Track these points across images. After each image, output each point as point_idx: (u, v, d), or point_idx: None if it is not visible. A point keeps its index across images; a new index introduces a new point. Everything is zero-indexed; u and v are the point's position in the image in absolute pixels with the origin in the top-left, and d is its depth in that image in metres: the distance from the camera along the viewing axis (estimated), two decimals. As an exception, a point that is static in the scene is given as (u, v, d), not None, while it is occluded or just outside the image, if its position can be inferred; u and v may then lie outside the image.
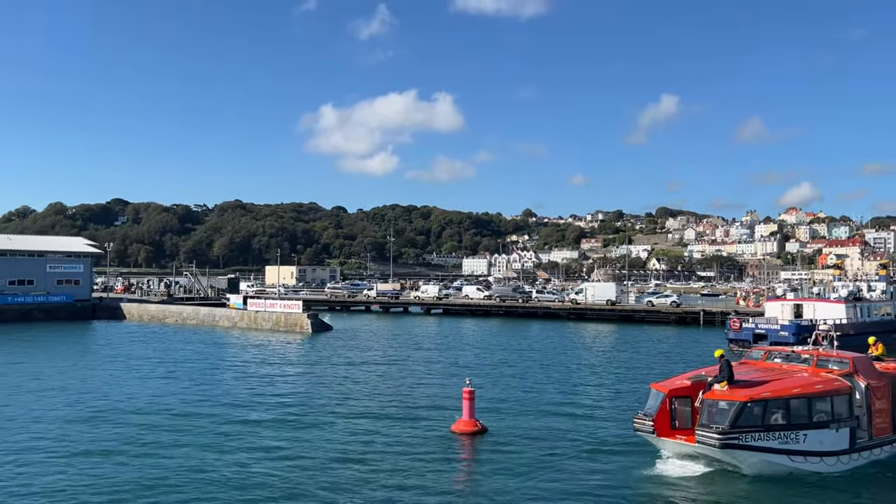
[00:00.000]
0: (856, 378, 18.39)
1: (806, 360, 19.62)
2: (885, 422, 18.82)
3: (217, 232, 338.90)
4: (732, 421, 16.62)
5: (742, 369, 19.19)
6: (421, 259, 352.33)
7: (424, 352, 45.08)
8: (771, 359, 20.46)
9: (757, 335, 45.66)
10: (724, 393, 17.17)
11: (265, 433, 21.92)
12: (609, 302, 74.83)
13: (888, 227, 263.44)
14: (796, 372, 18.99)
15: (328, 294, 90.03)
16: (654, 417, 17.63)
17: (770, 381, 17.80)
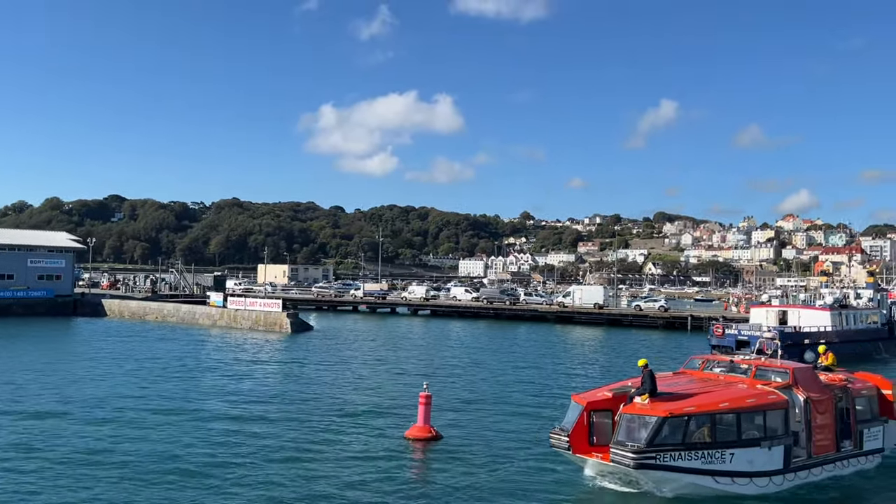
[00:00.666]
0: (794, 391, 16.88)
1: (745, 370, 18.07)
2: (828, 439, 17.24)
3: (213, 230, 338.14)
4: (650, 438, 15.04)
5: (675, 380, 17.76)
6: (417, 260, 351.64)
7: (401, 353, 44.38)
8: (709, 368, 18.86)
9: (739, 342, 44.81)
10: (643, 407, 15.58)
11: (210, 430, 21.28)
12: (596, 305, 74.13)
13: (885, 235, 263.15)
14: (734, 384, 17.41)
15: (315, 294, 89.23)
16: (570, 432, 16.15)
17: (697, 395, 16.21)
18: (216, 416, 23.67)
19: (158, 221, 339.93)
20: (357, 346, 47.22)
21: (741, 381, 17.48)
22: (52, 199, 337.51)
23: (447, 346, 50.25)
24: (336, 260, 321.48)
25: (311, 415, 24.24)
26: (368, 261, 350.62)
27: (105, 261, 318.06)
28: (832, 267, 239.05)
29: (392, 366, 37.93)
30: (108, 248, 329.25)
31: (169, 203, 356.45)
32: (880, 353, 48.29)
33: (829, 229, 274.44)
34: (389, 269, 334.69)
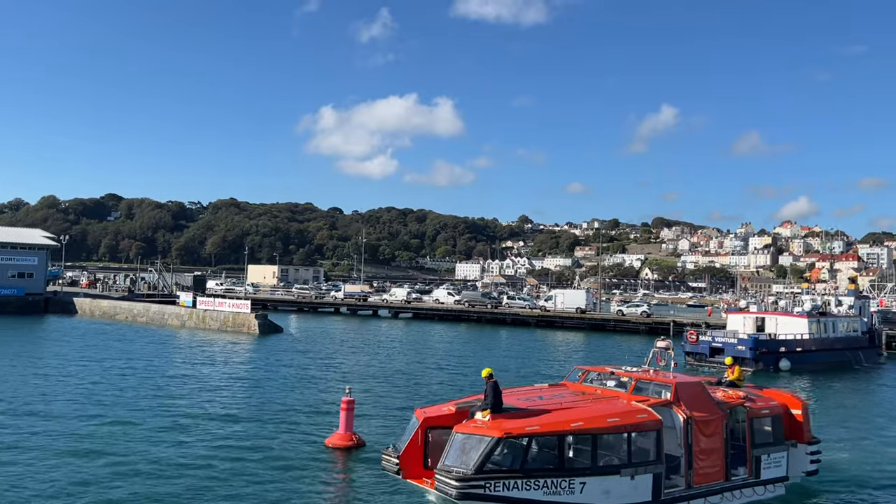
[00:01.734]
0: (675, 409, 14.53)
1: (625, 383, 15.81)
2: (715, 466, 14.78)
3: (210, 230, 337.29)
4: (479, 463, 12.51)
5: (539, 394, 15.45)
6: (414, 262, 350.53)
7: (363, 356, 43.19)
8: (588, 381, 16.65)
9: (713, 348, 43.74)
10: (477, 425, 13.18)
11: (127, 435, 20.11)
12: (579, 310, 72.93)
13: (882, 242, 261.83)
14: (608, 399, 15.22)
15: (295, 295, 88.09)
16: (401, 453, 13.85)
17: (551, 411, 13.81)
18: (132, 419, 22.46)
19: (155, 221, 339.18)
20: (322, 349, 46.02)
21: (618, 396, 15.32)
22: (49, 198, 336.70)
23: (417, 349, 49.05)
24: (332, 261, 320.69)
25: (239, 419, 23.10)
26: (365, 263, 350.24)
27: (101, 259, 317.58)
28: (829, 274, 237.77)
29: (348, 370, 36.75)
30: (103, 247, 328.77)
31: (166, 203, 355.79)
32: (860, 362, 47.12)
33: (826, 236, 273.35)
34: (386, 272, 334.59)
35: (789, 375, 41.48)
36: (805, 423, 16.72)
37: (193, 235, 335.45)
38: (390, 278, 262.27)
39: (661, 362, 17.20)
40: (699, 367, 43.56)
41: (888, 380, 42.75)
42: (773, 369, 42.15)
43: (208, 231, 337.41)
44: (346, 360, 40.60)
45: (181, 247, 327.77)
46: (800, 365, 43.10)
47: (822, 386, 38.52)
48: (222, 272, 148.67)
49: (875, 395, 37.30)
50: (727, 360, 18.89)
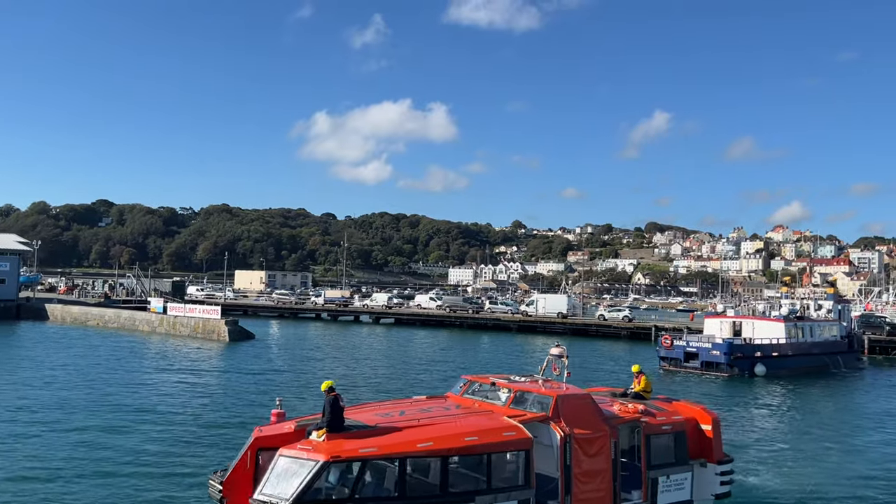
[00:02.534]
0: (552, 425, 12.84)
1: (506, 396, 14.03)
2: (600, 489, 12.97)
3: (201, 235, 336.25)
4: (301, 491, 10.71)
5: (402, 408, 13.56)
6: (407, 268, 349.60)
7: (331, 364, 42.32)
8: (471, 392, 14.71)
9: (688, 353, 43.00)
10: (304, 447, 11.44)
11: (44, 439, 19.25)
12: (560, 315, 72.12)
13: (874, 247, 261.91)
14: (481, 413, 13.35)
15: (275, 301, 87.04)
16: (225, 478, 11.95)
17: (402, 429, 12.01)
18: (66, 426, 21.60)
19: (146, 226, 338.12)
20: (291, 356, 45.09)
21: (493, 411, 13.49)
22: (39, 203, 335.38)
23: (392, 355, 48.19)
24: (325, 267, 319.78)
25: (173, 425, 22.25)
26: (357, 268, 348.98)
27: (91, 265, 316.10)
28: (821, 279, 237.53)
29: (310, 376, 35.83)
30: (94, 253, 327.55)
31: (158, 208, 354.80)
32: (838, 367, 46.39)
33: (818, 241, 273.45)
34: (378, 277, 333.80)
35: (765, 381, 40.74)
36: (715, 440, 14.94)
37: (185, 241, 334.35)
38: (382, 284, 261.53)
39: (556, 371, 15.72)
40: (674, 373, 42.82)
41: (865, 385, 42.02)
42: (748, 374, 41.39)
43: (200, 237, 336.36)
44: (311, 368, 39.70)
45: (172, 252, 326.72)
46: (776, 370, 42.34)
47: (796, 391, 37.78)
48: (203, 278, 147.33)
49: (849, 401, 36.54)
50: (634, 369, 16.60)
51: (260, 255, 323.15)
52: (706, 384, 39.00)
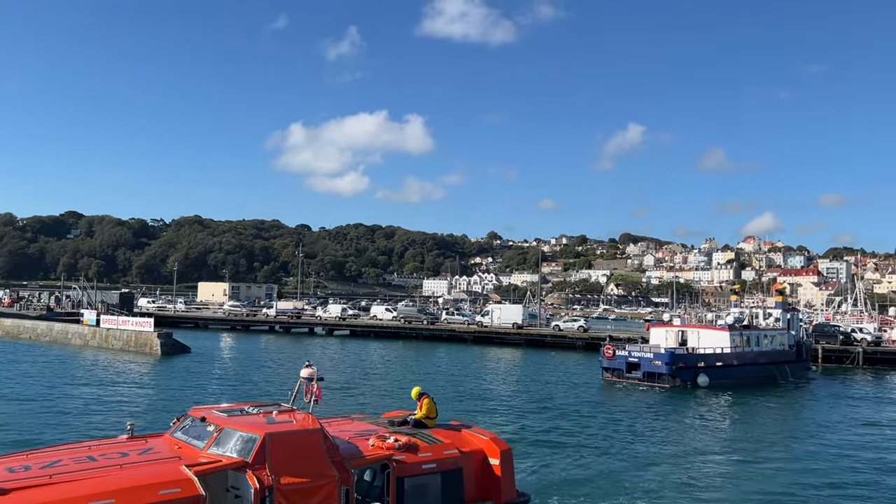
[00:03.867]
0: (248, 475, 10.29)
1: (211, 433, 11.27)
2: None
3: (172, 247, 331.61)
4: None
5: (27, 462, 10.49)
6: (381, 279, 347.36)
7: (263, 378, 40.54)
8: (183, 430, 11.91)
9: (630, 364, 41.81)
10: None
11: None
12: (515, 325, 70.84)
13: (842, 257, 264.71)
14: (165, 461, 10.64)
15: (226, 313, 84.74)
16: None
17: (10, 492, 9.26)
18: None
19: (115, 238, 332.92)
20: (224, 371, 43.24)
21: (181, 455, 10.91)
22: (5, 215, 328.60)
23: (337, 368, 46.42)
24: (297, 279, 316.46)
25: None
26: (331, 279, 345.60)
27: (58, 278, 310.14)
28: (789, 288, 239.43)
29: (234, 394, 34.13)
30: (61, 266, 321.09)
31: (128, 220, 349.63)
32: (785, 377, 45.47)
33: (788, 251, 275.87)
34: (352, 288, 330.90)
35: (707, 391, 39.65)
36: (505, 477, 12.76)
37: (155, 253, 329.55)
38: (356, 295, 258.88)
39: (307, 398, 12.90)
40: (616, 384, 41.61)
41: (808, 396, 41.05)
42: (690, 385, 40.27)
43: (170, 248, 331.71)
44: (237, 385, 37.93)
45: (142, 265, 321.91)
46: (720, 380, 41.27)
47: (736, 403, 36.67)
48: (157, 290, 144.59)
49: (786, 412, 35.48)
50: (413, 393, 14.20)
51: (232, 266, 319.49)
52: (647, 395, 37.82)
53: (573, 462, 21.82)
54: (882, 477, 21.59)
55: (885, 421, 32.32)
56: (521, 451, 22.99)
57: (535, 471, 20.30)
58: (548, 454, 22.60)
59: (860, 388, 45.02)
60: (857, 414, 34.01)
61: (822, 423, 31.52)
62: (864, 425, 30.98)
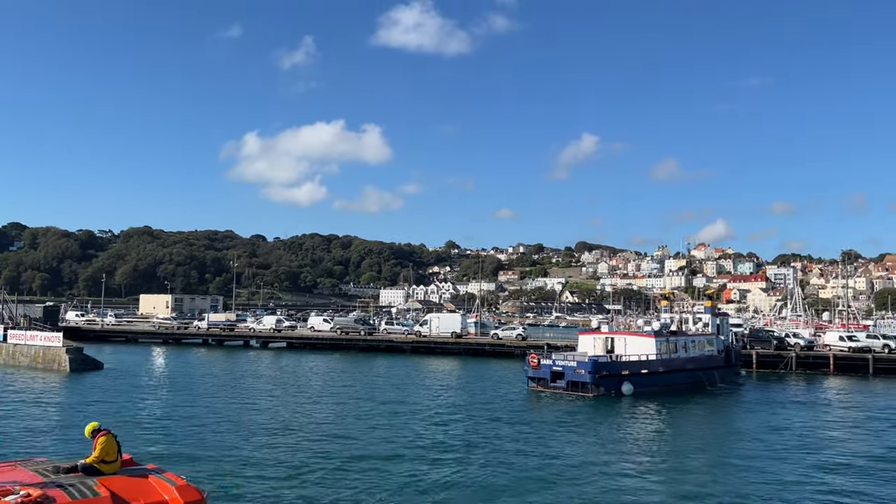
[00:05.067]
0: None
1: None
2: None
3: (121, 259, 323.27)
4: None
5: None
6: (337, 289, 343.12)
7: (176, 399, 38.44)
8: None
9: (554, 373, 40.80)
10: None
11: None
12: (454, 334, 69.61)
13: (790, 263, 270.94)
14: None
15: (156, 326, 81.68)
16: None
17: None
18: None
19: (61, 250, 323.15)
20: (131, 390, 40.87)
21: None
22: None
23: (261, 385, 44.55)
24: (251, 290, 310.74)
25: None
26: (285, 290, 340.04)
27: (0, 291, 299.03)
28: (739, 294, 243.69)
29: (127, 410, 32.07)
30: (3, 279, 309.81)
31: (75, 231, 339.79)
32: (714, 383, 45.05)
33: (738, 258, 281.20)
34: (307, 299, 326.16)
35: (632, 400, 38.85)
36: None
37: (102, 265, 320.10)
38: (311, 306, 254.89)
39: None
40: (542, 394, 40.58)
41: (736, 401, 40.55)
42: (615, 394, 39.45)
43: (119, 260, 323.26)
44: (138, 405, 35.77)
45: (89, 277, 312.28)
46: (645, 388, 40.56)
47: (659, 411, 35.86)
48: (89, 302, 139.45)
49: (711, 419, 34.83)
50: (87, 430, 11.43)
51: (183, 278, 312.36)
52: (569, 405, 36.83)
53: (450, 475, 20.60)
54: (801, 481, 21.07)
55: (801, 426, 31.82)
56: (407, 464, 21.79)
57: (407, 485, 19.05)
58: (427, 469, 21.47)
59: (788, 393, 44.77)
60: (777, 420, 33.47)
61: (743, 429, 30.93)
62: (775, 430, 30.41)
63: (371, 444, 25.29)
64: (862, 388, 48.33)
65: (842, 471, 22.94)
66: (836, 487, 20.75)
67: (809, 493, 20.01)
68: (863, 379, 53.77)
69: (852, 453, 25.79)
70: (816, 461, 24.31)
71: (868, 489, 20.55)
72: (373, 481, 19.83)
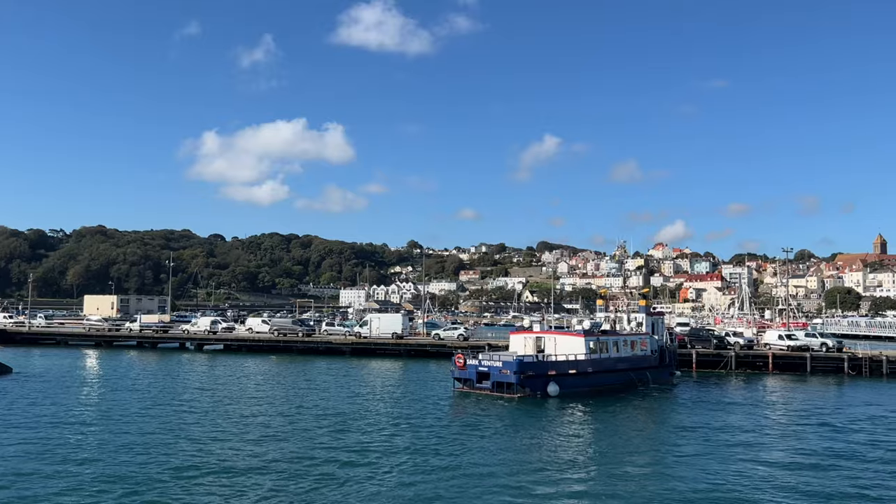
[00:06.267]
0: None
1: None
2: None
3: (73, 259, 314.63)
4: None
5: None
6: (296, 290, 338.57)
7: (77, 404, 36.21)
8: None
9: (480, 374, 39.52)
10: None
11: None
12: (395, 335, 67.99)
13: (744, 263, 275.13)
14: None
15: (86, 328, 78.51)
16: None
17: None
18: None
19: (9, 250, 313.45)
20: (38, 395, 38.54)
21: None
22: None
23: (183, 391, 42.49)
24: (207, 290, 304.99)
25: None
26: (243, 290, 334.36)
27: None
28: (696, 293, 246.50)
29: (16, 419, 29.88)
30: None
31: (24, 231, 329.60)
32: (646, 383, 44.18)
33: (695, 258, 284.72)
34: (265, 300, 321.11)
35: (558, 401, 37.73)
36: None
37: (53, 265, 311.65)
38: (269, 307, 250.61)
39: None
40: (468, 395, 39.28)
41: (666, 402, 39.60)
42: (540, 395, 38.29)
43: (71, 260, 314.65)
44: (37, 409, 33.53)
45: (39, 278, 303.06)
46: (573, 389, 39.50)
47: (586, 412, 34.75)
48: (20, 300, 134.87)
49: (636, 421, 33.76)
50: None
51: (137, 279, 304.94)
52: (494, 407, 35.57)
53: (351, 483, 19.14)
54: (719, 485, 20.33)
55: (722, 427, 30.97)
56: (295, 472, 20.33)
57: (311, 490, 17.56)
58: (329, 478, 19.99)
59: (722, 393, 43.97)
60: (702, 420, 32.63)
61: (666, 432, 30.09)
62: (697, 431, 29.56)
63: (274, 451, 24.19)
64: (797, 386, 47.98)
65: (753, 473, 22.03)
66: (754, 492, 19.82)
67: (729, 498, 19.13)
68: (800, 378, 53.57)
69: (769, 455, 25.02)
70: (737, 464, 23.56)
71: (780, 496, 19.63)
72: (273, 489, 19.01)
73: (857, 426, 31.73)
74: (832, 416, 34.42)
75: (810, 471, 22.67)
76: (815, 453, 25.49)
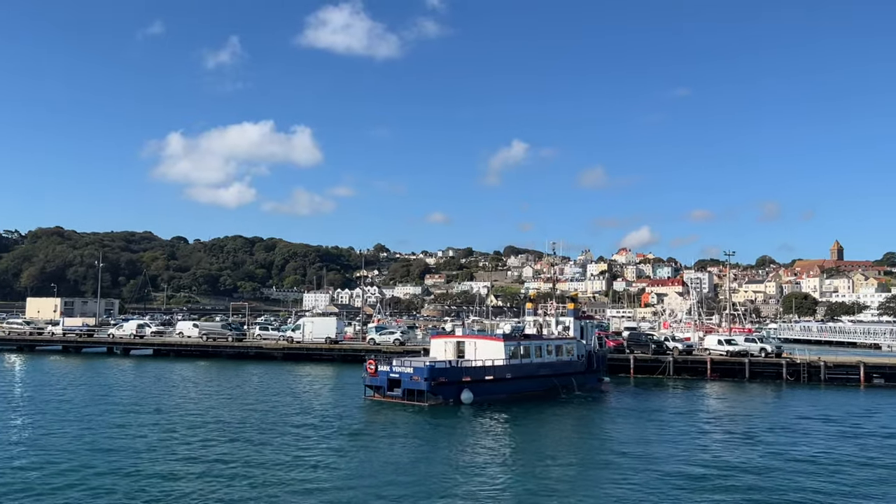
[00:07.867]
0: None
1: None
2: None
3: (27, 261, 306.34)
4: None
5: None
6: (259, 293, 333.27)
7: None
8: None
9: (391, 380, 37.52)
10: None
11: None
12: (328, 340, 65.68)
13: (706, 268, 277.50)
14: None
15: (6, 331, 75.01)
16: None
17: None
18: None
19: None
20: None
21: None
22: None
23: (93, 400, 39.86)
24: (168, 293, 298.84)
25: None
26: (204, 294, 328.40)
27: None
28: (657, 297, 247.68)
29: None
30: None
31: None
32: (571, 390, 42.49)
33: (658, 263, 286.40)
34: (227, 303, 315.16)
35: (472, 409, 35.88)
36: None
37: (7, 267, 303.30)
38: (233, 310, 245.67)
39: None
40: (378, 403, 37.26)
41: (589, 410, 37.83)
42: (453, 403, 36.42)
43: (25, 262, 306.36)
44: None
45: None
46: (490, 396, 37.70)
47: (499, 422, 32.85)
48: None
49: (552, 431, 31.88)
50: None
51: (94, 281, 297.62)
52: (401, 416, 33.58)
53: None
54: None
55: (642, 437, 29.33)
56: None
57: None
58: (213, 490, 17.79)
59: (653, 400, 42.22)
60: (623, 430, 31.06)
61: (583, 442, 28.44)
62: (615, 441, 27.96)
63: (158, 460, 22.72)
64: (732, 394, 46.60)
65: (672, 484, 20.34)
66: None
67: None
68: (739, 384, 52.44)
69: (686, 466, 23.44)
70: (647, 475, 22.09)
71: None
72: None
73: (775, 436, 30.33)
74: (754, 424, 33.18)
75: (707, 483, 21.07)
76: (727, 465, 24.06)
